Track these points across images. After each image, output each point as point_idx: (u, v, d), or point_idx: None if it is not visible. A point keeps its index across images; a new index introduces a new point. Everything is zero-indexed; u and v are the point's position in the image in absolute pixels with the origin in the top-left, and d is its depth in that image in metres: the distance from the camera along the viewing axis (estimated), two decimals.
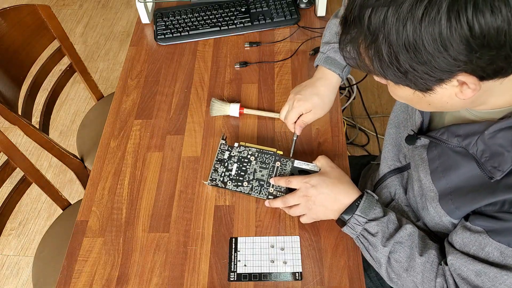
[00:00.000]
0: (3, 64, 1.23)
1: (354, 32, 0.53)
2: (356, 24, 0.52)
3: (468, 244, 0.65)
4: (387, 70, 0.53)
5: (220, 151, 0.96)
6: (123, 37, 2.52)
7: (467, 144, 0.62)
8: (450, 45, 0.47)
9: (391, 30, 0.48)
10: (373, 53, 0.52)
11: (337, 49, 0.93)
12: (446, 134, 0.66)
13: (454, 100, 0.56)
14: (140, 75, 1.19)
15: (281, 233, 0.87)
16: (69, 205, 1.29)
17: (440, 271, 0.71)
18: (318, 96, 0.95)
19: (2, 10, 1.20)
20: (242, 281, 0.82)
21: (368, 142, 1.95)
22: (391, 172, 0.85)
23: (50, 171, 1.98)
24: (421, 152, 0.73)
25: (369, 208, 0.76)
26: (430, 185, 0.70)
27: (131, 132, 1.07)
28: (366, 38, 0.52)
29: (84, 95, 2.25)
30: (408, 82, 0.54)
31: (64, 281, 0.85)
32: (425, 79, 0.52)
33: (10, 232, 1.81)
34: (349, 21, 0.53)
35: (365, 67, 0.56)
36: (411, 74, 0.52)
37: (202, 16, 1.29)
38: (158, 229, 0.90)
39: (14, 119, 1.20)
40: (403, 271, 0.74)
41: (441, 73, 0.50)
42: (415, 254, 0.73)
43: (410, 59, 0.50)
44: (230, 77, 1.16)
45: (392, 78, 0.55)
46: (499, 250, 0.61)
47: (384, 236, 0.75)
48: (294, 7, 1.29)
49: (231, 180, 0.93)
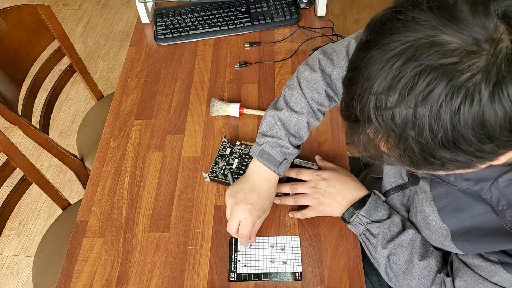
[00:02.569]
0: (3, 64, 1.23)
1: (372, 131, 0.46)
2: (372, 124, 0.44)
3: (478, 268, 0.64)
4: (419, 166, 0.47)
5: (222, 148, 0.98)
6: (123, 37, 2.52)
7: (479, 189, 0.58)
8: (494, 134, 0.41)
9: (423, 129, 0.41)
10: (402, 153, 0.45)
11: (273, 144, 0.81)
12: (453, 176, 0.61)
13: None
14: (140, 75, 1.19)
15: (281, 233, 0.87)
16: (69, 205, 1.29)
17: (437, 279, 0.71)
18: (258, 194, 0.82)
19: (2, 10, 1.20)
20: (242, 281, 0.82)
21: None
22: (393, 190, 0.83)
23: (50, 171, 1.98)
24: (423, 184, 0.70)
25: (374, 210, 0.77)
26: (440, 222, 0.67)
27: (131, 132, 1.07)
28: (389, 137, 0.44)
29: (84, 95, 2.25)
30: (445, 170, 0.47)
31: (64, 281, 0.85)
32: (465, 163, 0.45)
33: (10, 232, 1.81)
34: (363, 120, 0.45)
35: (390, 162, 0.50)
36: (449, 164, 0.45)
37: (202, 16, 1.29)
38: (158, 229, 0.90)
39: (14, 119, 1.20)
40: (401, 273, 0.74)
41: (486, 157, 0.44)
42: (414, 259, 0.73)
43: (448, 153, 0.43)
44: (230, 77, 1.16)
45: (426, 170, 0.48)
46: (510, 281, 0.60)
47: (385, 238, 0.75)
48: (294, 7, 1.29)
49: (231, 173, 0.93)
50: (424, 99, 0.40)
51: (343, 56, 0.82)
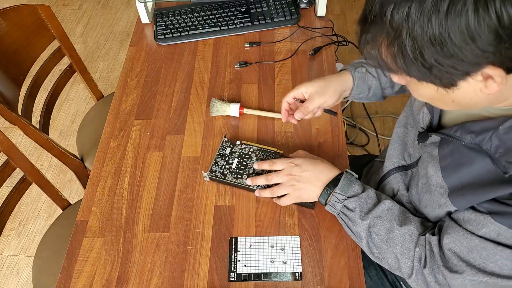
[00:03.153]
0: (3, 64, 1.23)
1: (375, 30, 0.52)
2: (378, 22, 0.51)
3: (467, 222, 0.66)
4: (411, 67, 0.53)
5: (222, 147, 0.97)
6: (123, 37, 2.52)
7: (480, 140, 0.62)
8: (478, 36, 0.46)
9: (415, 25, 0.48)
10: (396, 50, 0.51)
11: (365, 72, 0.95)
12: (460, 131, 0.65)
13: (478, 96, 0.55)
14: (140, 75, 1.19)
15: (281, 233, 0.87)
16: (69, 205, 1.29)
17: (420, 241, 0.73)
18: (322, 79, 0.94)
19: (2, 10, 1.20)
20: (242, 281, 0.82)
21: (368, 142, 1.95)
22: (395, 169, 0.86)
23: (50, 171, 1.98)
24: (431, 149, 0.74)
25: (348, 186, 0.79)
26: (441, 181, 0.70)
27: (131, 132, 1.07)
28: (389, 35, 0.51)
29: (84, 95, 2.25)
30: (433, 78, 0.53)
31: (64, 281, 0.85)
32: (451, 73, 0.51)
33: (10, 232, 1.81)
34: (370, 19, 0.52)
35: (387, 66, 0.56)
36: (436, 69, 0.51)
37: (202, 16, 1.29)
38: (158, 229, 0.90)
39: (14, 119, 1.20)
40: (383, 243, 0.76)
41: (469, 66, 0.50)
42: (394, 226, 0.75)
43: (435, 53, 0.49)
44: (230, 77, 1.16)
45: (416, 74, 0.54)
46: (497, 232, 0.61)
47: (362, 211, 0.77)
48: (294, 7, 1.29)
49: (231, 173, 0.93)
50: None
51: None
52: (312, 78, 1.13)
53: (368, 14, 0.53)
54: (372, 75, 0.96)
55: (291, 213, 0.90)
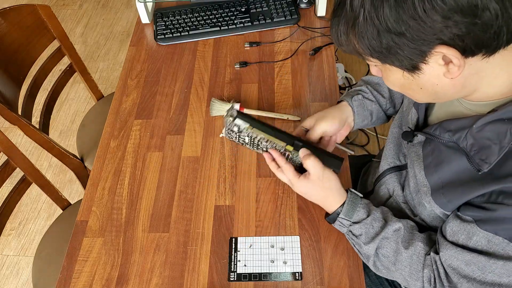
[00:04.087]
0: (3, 64, 1.23)
1: (341, 17, 0.56)
2: (342, 9, 0.56)
3: (458, 233, 0.66)
4: (372, 49, 0.55)
5: (228, 125, 0.85)
6: (123, 37, 2.52)
7: (457, 139, 0.64)
8: (424, 13, 0.49)
9: (370, 8, 0.51)
10: (357, 32, 0.55)
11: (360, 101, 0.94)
12: (439, 129, 0.67)
13: (443, 81, 0.57)
14: (140, 75, 1.19)
15: (281, 233, 0.87)
16: (69, 205, 1.29)
17: (427, 261, 0.73)
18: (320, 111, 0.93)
19: (2, 10, 1.20)
20: (242, 281, 0.82)
21: (368, 142, 1.95)
22: (390, 170, 0.86)
23: (50, 171, 1.98)
24: (418, 148, 0.75)
25: (353, 210, 0.78)
26: (424, 180, 0.72)
27: (131, 132, 1.07)
28: (350, 18, 0.55)
29: (84, 95, 2.25)
30: (393, 59, 0.56)
31: (64, 281, 0.85)
32: (407, 51, 0.53)
33: (10, 232, 1.81)
34: (336, 7, 0.57)
35: (355, 50, 0.59)
36: (393, 49, 0.54)
37: (202, 16, 1.29)
38: (158, 229, 0.90)
39: (14, 119, 1.20)
40: (392, 265, 0.75)
41: (421, 43, 0.52)
42: (400, 248, 0.74)
43: (389, 33, 0.52)
44: (230, 77, 1.16)
45: (377, 56, 0.57)
46: (487, 238, 0.62)
47: (368, 236, 0.77)
48: (294, 7, 1.29)
49: (246, 144, 0.87)
50: None
51: None
52: (312, 78, 1.14)
53: (336, 3, 0.57)
54: (370, 100, 0.94)
55: (291, 213, 0.90)
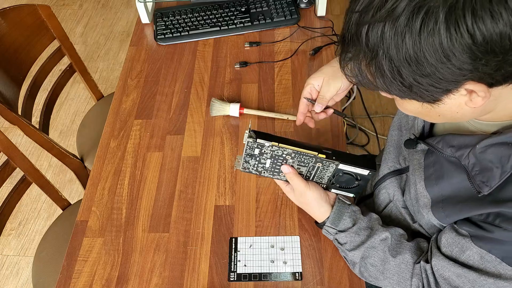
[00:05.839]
0: (3, 64, 1.23)
1: (353, 50, 0.52)
2: (355, 42, 0.51)
3: (452, 245, 0.67)
4: (390, 86, 0.52)
5: (249, 148, 0.79)
6: (123, 37, 2.52)
7: (460, 156, 0.62)
8: (453, 55, 0.45)
9: (390, 45, 0.47)
10: (375, 70, 0.51)
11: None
12: (442, 143, 0.66)
13: (464, 109, 0.54)
14: (140, 75, 1.19)
15: (281, 233, 0.87)
16: (69, 205, 1.29)
17: (416, 270, 0.73)
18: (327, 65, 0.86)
19: (2, 10, 1.20)
20: (242, 281, 0.82)
21: (368, 142, 1.95)
22: (391, 174, 0.86)
23: (50, 171, 1.98)
24: (420, 157, 0.74)
25: (339, 219, 0.79)
26: (424, 191, 0.71)
27: (131, 132, 1.07)
28: (366, 55, 0.50)
29: (84, 95, 2.25)
30: (414, 96, 0.52)
31: (64, 281, 0.85)
32: (431, 91, 0.50)
33: (10, 232, 1.81)
34: (347, 39, 0.52)
35: (369, 83, 0.55)
36: (416, 88, 0.50)
37: (202, 16, 1.29)
38: (158, 229, 0.90)
39: (14, 119, 1.20)
40: (380, 274, 0.76)
41: (447, 84, 0.49)
42: (388, 257, 0.75)
43: (413, 73, 0.48)
44: (230, 77, 1.16)
45: (397, 93, 0.53)
46: (480, 255, 0.62)
47: (353, 244, 0.77)
48: (294, 7, 1.29)
49: (266, 171, 0.83)
50: (389, 14, 0.46)
51: None
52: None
53: (345, 35, 0.52)
54: None
55: (291, 213, 0.90)
